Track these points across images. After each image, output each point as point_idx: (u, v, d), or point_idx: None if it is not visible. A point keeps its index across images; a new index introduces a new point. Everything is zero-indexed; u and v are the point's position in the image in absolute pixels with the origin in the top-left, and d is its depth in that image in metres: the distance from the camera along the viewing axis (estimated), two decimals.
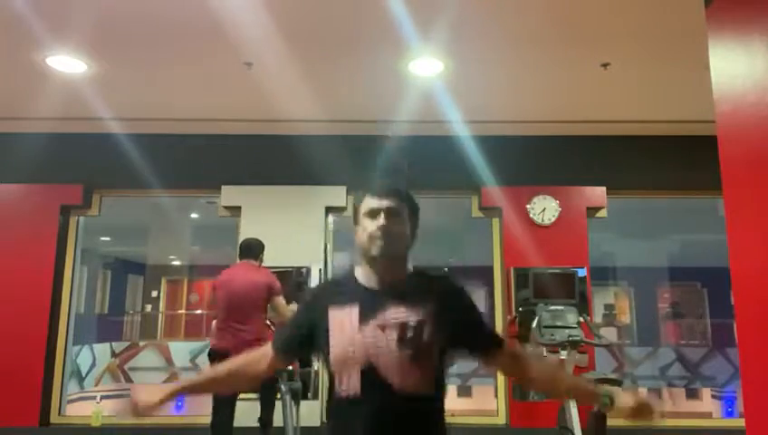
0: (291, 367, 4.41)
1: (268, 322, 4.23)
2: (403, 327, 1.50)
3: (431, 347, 1.50)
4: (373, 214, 1.59)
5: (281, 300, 4.10)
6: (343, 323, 1.53)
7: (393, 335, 1.49)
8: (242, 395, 4.07)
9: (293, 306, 4.20)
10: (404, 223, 1.61)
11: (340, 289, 1.62)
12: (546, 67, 4.25)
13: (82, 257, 5.87)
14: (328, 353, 1.53)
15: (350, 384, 1.49)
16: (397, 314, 1.52)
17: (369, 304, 1.54)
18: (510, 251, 5.41)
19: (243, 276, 4.10)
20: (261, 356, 1.68)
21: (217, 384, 1.77)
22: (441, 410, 1.57)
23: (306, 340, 1.62)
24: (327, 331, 1.54)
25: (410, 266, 1.64)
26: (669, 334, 13.28)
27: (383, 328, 1.50)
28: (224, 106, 5.10)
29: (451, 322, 1.55)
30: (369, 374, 1.47)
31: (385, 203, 1.59)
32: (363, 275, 1.62)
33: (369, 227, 1.58)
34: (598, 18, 3.58)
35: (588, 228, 5.45)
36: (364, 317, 1.52)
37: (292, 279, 5.12)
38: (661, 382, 10.11)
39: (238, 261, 4.32)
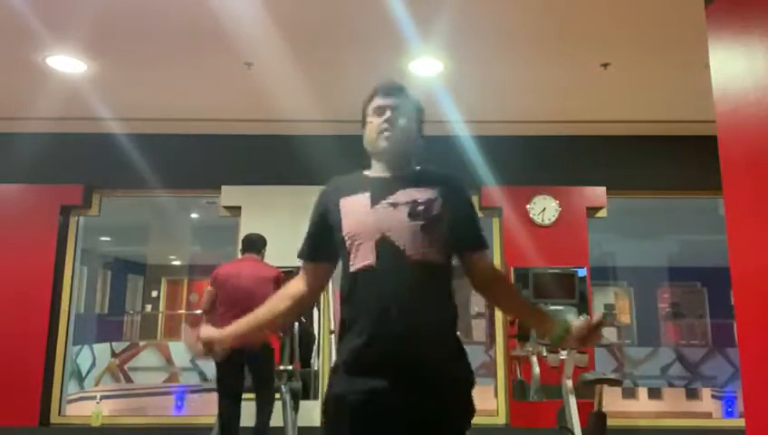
0: (291, 367, 4.41)
1: None
2: (414, 203, 1.57)
3: (440, 220, 1.57)
4: (380, 111, 1.66)
5: None
6: (355, 206, 1.60)
7: (405, 210, 1.55)
8: (244, 395, 4.08)
9: None
10: (410, 119, 1.68)
11: (349, 183, 1.68)
12: (546, 67, 4.25)
13: (82, 257, 5.87)
14: (342, 233, 1.58)
15: (365, 256, 1.53)
16: (407, 194, 1.59)
17: (380, 189, 1.61)
18: (510, 251, 5.41)
19: (251, 271, 4.08)
20: (297, 279, 1.73)
21: (266, 321, 1.76)
22: (450, 281, 1.62)
23: (327, 235, 1.65)
24: (340, 216, 1.60)
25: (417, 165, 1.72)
26: (669, 334, 13.28)
27: (395, 205, 1.57)
28: (224, 106, 5.10)
29: (455, 207, 1.62)
30: (383, 244, 1.52)
31: (391, 100, 1.66)
32: (372, 171, 1.69)
33: (376, 121, 1.65)
34: (597, 18, 3.59)
35: (588, 228, 5.45)
36: (375, 199, 1.59)
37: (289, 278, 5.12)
38: (661, 382, 10.11)
39: (240, 256, 4.32)
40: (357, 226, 1.56)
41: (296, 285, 1.74)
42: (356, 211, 1.59)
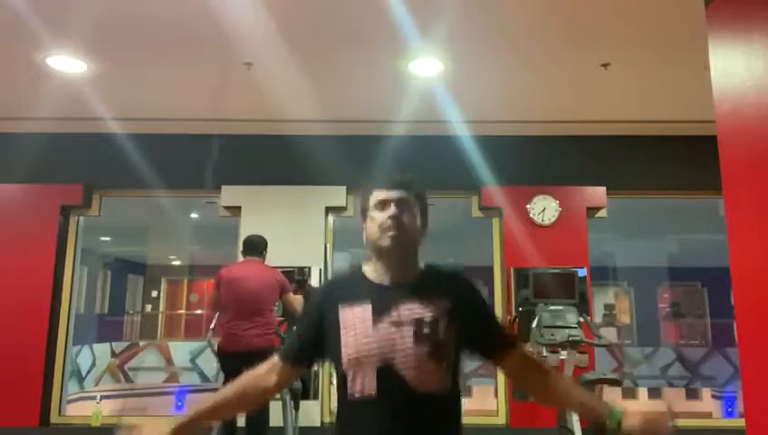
0: None
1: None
2: (419, 323, 1.44)
3: (448, 344, 1.45)
4: (383, 205, 1.53)
5: (292, 295, 4.22)
6: (356, 321, 1.47)
7: (409, 332, 1.43)
8: None
9: (300, 298, 4.28)
10: (415, 215, 1.55)
11: (349, 287, 1.55)
12: (546, 67, 4.25)
13: (82, 257, 5.87)
14: (340, 353, 1.46)
15: (365, 384, 1.43)
16: (411, 309, 1.46)
17: (382, 301, 1.48)
18: (510, 251, 5.41)
19: (255, 274, 4.09)
20: (268, 370, 1.59)
21: (224, 409, 1.63)
22: (458, 410, 1.52)
23: (318, 343, 1.54)
24: (338, 330, 1.48)
25: (422, 263, 1.58)
26: (669, 334, 13.29)
27: (398, 325, 1.44)
28: (224, 106, 5.10)
29: (466, 319, 1.50)
30: (386, 373, 1.41)
31: (395, 194, 1.53)
32: (373, 271, 1.55)
33: (380, 217, 1.51)
34: (598, 18, 3.58)
35: (588, 228, 5.45)
36: (377, 314, 1.46)
37: (292, 279, 5.13)
38: (661, 382, 10.12)
39: (242, 258, 4.32)
40: (358, 348, 1.44)
41: (266, 379, 1.59)
42: (356, 329, 1.46)
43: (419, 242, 1.57)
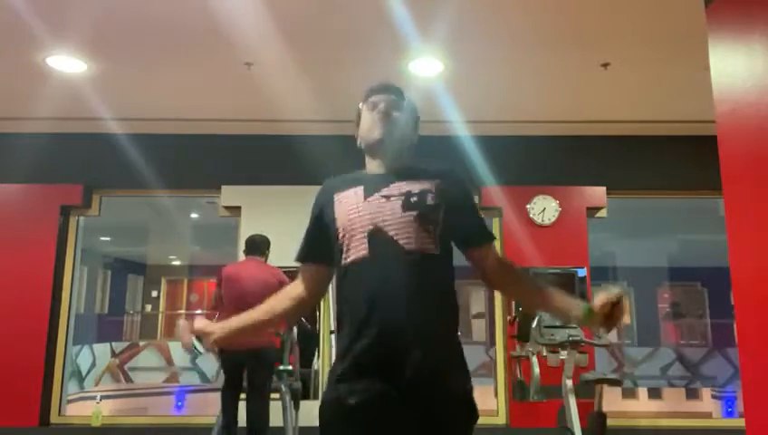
0: (291, 367, 4.41)
1: None
2: (408, 194, 1.53)
3: (436, 210, 1.52)
4: (374, 105, 1.63)
5: None
6: (348, 200, 1.56)
7: (398, 202, 1.51)
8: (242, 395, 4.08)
9: None
10: (405, 113, 1.65)
11: (343, 181, 1.64)
12: (546, 67, 4.25)
13: (82, 257, 5.87)
14: (336, 229, 1.54)
15: (358, 248, 1.49)
16: (401, 187, 1.55)
17: (374, 183, 1.57)
18: (510, 251, 5.40)
19: (254, 274, 4.08)
20: (294, 284, 1.70)
21: (259, 324, 1.73)
22: (450, 271, 1.55)
23: (322, 233, 1.61)
24: (333, 211, 1.57)
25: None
26: (669, 334, 13.28)
27: (387, 198, 1.53)
28: (224, 106, 5.10)
29: (453, 200, 1.56)
30: (376, 236, 1.48)
31: (385, 96, 1.64)
32: (366, 169, 1.66)
33: (371, 115, 1.63)
34: (598, 18, 3.59)
35: (588, 228, 5.45)
36: (368, 193, 1.55)
37: (293, 280, 5.13)
38: (661, 382, 10.11)
39: (243, 257, 4.32)
40: (349, 218, 1.52)
41: (296, 289, 1.68)
42: (348, 205, 1.54)
43: (409, 139, 1.67)
